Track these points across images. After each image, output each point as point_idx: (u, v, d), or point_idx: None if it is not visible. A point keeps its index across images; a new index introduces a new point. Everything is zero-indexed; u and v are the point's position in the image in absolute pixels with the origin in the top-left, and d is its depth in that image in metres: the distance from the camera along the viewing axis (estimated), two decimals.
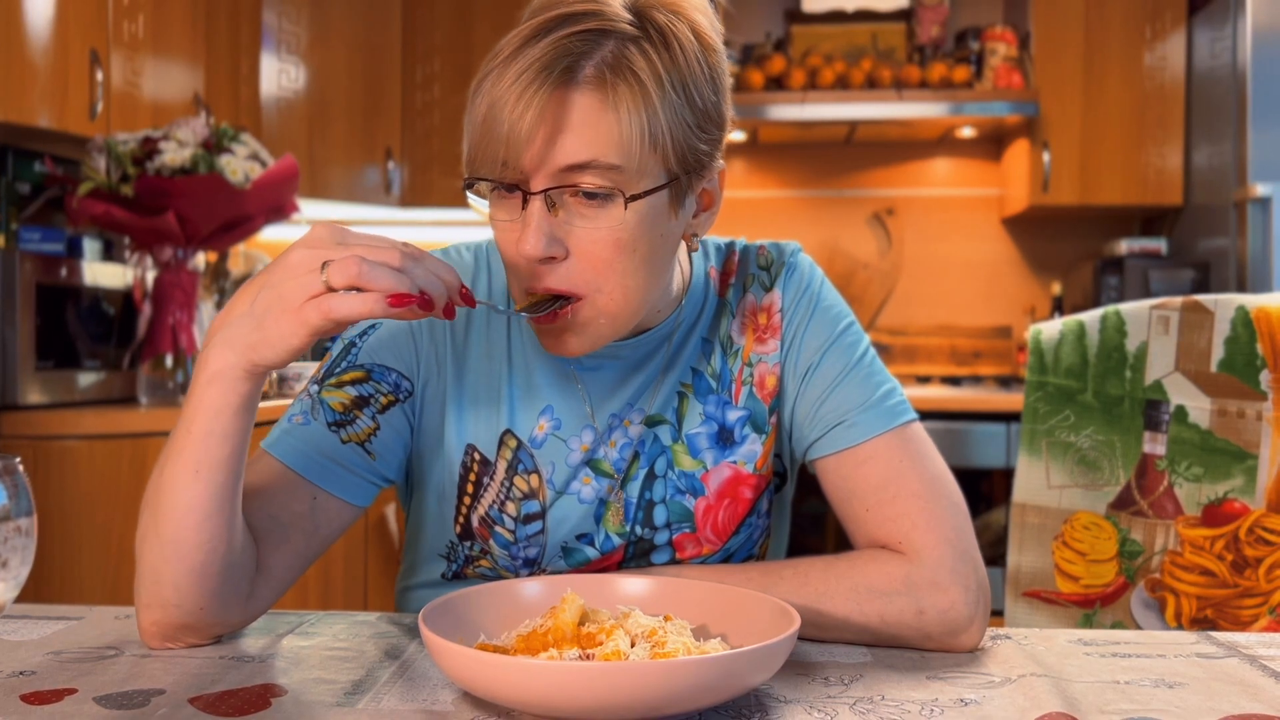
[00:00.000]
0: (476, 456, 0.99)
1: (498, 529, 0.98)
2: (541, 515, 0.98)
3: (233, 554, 0.83)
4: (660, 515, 0.99)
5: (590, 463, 0.99)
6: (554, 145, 0.80)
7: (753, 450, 1.00)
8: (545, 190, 0.82)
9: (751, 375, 1.01)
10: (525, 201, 0.83)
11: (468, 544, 1.01)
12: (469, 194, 0.88)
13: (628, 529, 0.99)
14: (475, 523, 0.99)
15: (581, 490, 0.98)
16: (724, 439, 1.00)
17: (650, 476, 0.99)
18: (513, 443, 0.98)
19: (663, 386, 1.00)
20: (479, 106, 0.82)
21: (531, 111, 0.79)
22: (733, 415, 1.00)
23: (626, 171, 0.82)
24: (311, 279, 0.74)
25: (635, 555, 1.00)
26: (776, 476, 1.05)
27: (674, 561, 1.00)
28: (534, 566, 1.00)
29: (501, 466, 0.98)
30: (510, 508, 0.98)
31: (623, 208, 0.83)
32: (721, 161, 0.92)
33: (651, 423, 0.99)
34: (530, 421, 0.99)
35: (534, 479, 0.98)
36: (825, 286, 1.03)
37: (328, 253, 0.75)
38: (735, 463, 1.00)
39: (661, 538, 0.99)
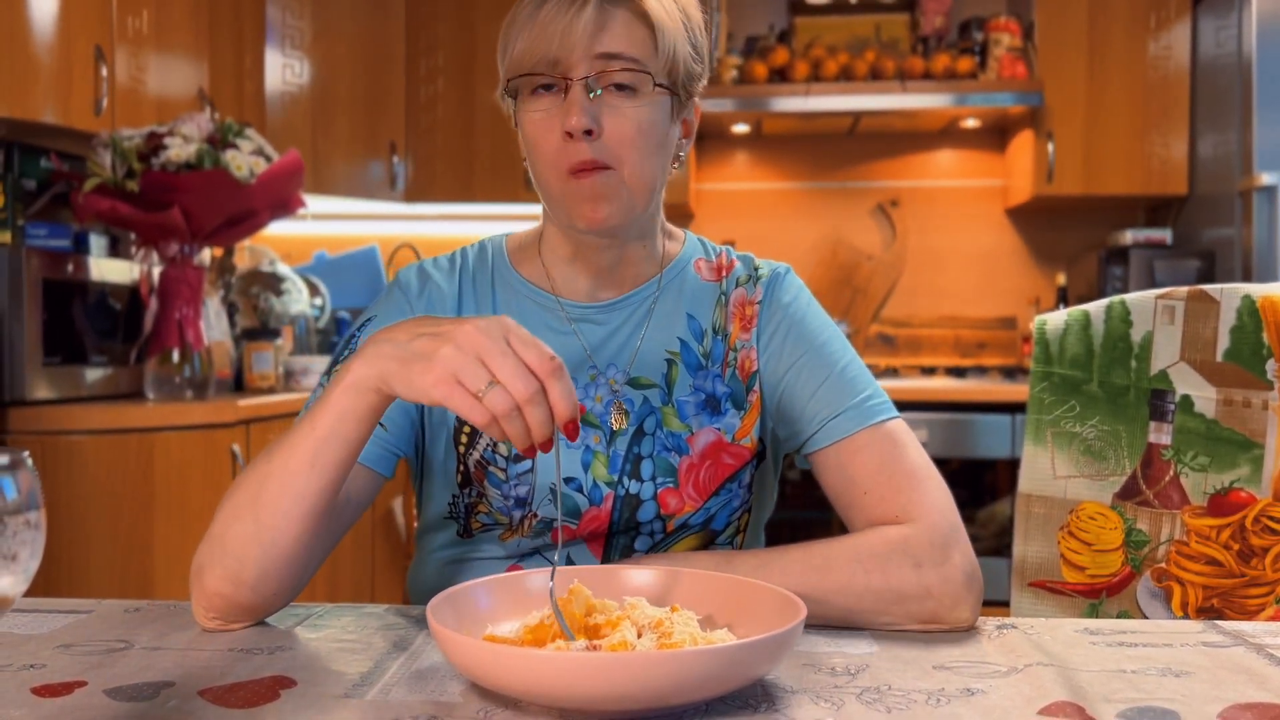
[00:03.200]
0: None
1: (491, 469, 1.06)
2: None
3: (317, 550, 0.92)
4: (647, 469, 1.07)
5: None
6: (596, 41, 0.99)
7: (732, 423, 1.09)
8: (585, 77, 0.99)
9: (735, 359, 1.11)
10: (567, 91, 0.99)
11: (467, 490, 1.08)
12: (504, 100, 1.06)
13: (614, 478, 1.06)
14: (472, 466, 1.07)
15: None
16: (711, 407, 1.09)
17: (639, 433, 1.07)
18: None
19: (642, 349, 1.10)
20: (528, 18, 1.00)
21: (578, 16, 0.98)
22: (720, 389, 1.10)
23: (649, 69, 1.01)
24: (475, 375, 0.79)
25: (623, 511, 1.06)
26: (755, 455, 1.12)
27: (659, 517, 1.06)
28: (525, 507, 1.06)
29: None
30: (502, 449, 1.06)
31: (649, 101, 1.01)
32: (698, 101, 1.10)
33: (637, 385, 1.09)
34: None
35: None
36: (810, 300, 1.14)
37: (504, 369, 0.79)
38: (718, 429, 1.09)
39: (647, 491, 1.06)
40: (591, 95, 0.99)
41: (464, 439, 1.07)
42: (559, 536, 1.03)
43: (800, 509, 3.27)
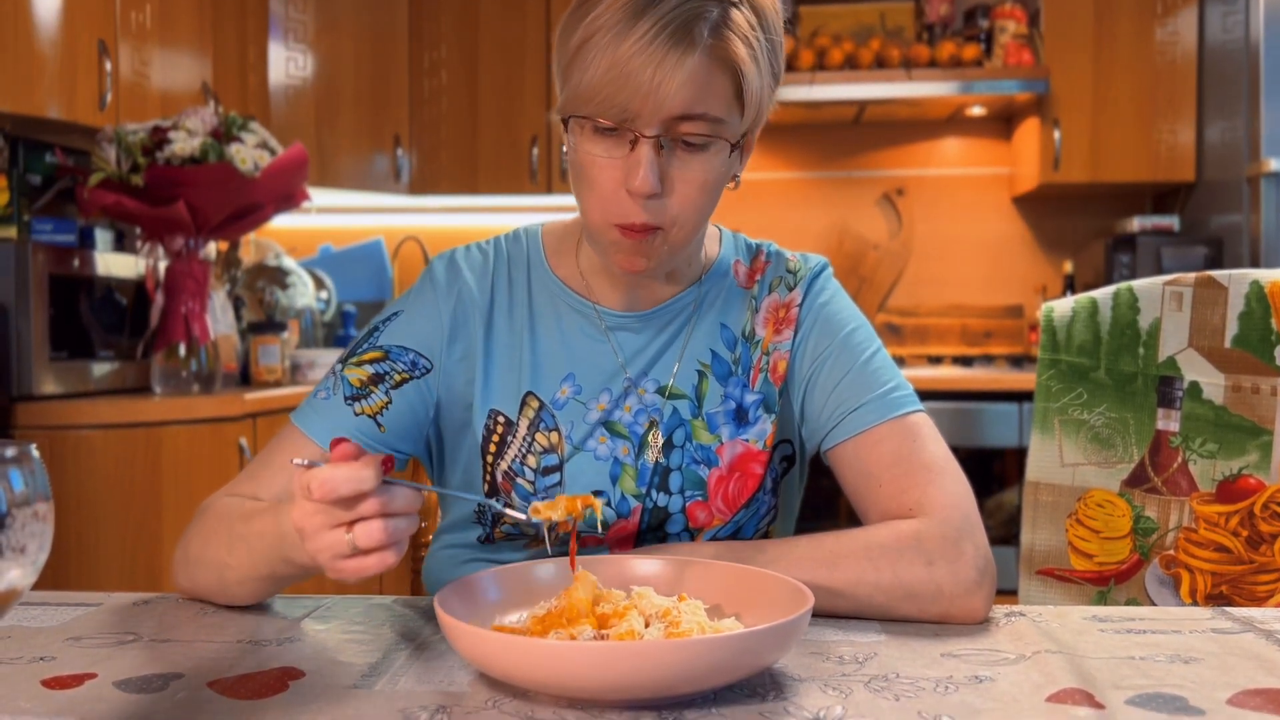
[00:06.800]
0: (500, 419, 1.05)
1: (519, 481, 1.04)
2: (559, 468, 1.04)
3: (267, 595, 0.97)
4: (675, 481, 1.05)
5: (606, 423, 1.05)
6: (676, 99, 0.89)
7: (763, 430, 1.06)
8: (657, 135, 0.90)
9: (768, 363, 1.08)
10: (634, 144, 0.91)
11: (494, 500, 1.06)
12: (562, 122, 0.96)
13: (643, 491, 1.04)
14: (499, 477, 1.05)
15: (597, 448, 1.05)
16: (740, 418, 1.06)
17: (669, 446, 1.05)
18: (535, 404, 1.05)
19: (681, 361, 1.07)
20: (607, 46, 0.88)
21: (657, 69, 0.87)
22: (749, 398, 1.07)
23: (726, 124, 0.92)
24: (338, 543, 0.76)
25: (650, 524, 1.04)
26: (785, 460, 1.10)
27: (687, 529, 1.05)
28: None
29: (524, 425, 1.05)
30: (531, 460, 1.04)
31: (718, 155, 0.93)
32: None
33: (669, 395, 1.06)
34: (553, 386, 1.06)
35: (554, 436, 1.04)
36: (842, 295, 1.12)
37: (346, 515, 0.75)
38: (747, 440, 1.06)
39: (675, 504, 1.05)
40: (659, 153, 0.92)
41: (493, 448, 1.05)
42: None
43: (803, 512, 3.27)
